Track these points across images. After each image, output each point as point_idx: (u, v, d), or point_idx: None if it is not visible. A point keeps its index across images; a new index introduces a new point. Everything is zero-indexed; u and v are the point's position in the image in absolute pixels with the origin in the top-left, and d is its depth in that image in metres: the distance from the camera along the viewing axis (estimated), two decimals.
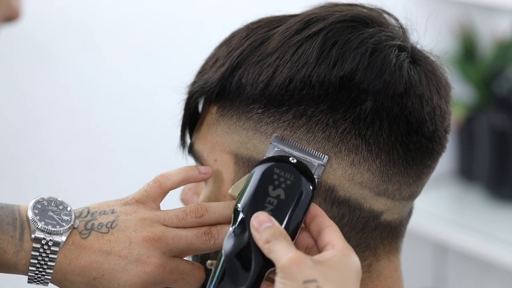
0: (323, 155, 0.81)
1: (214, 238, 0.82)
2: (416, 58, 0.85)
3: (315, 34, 0.82)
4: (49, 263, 0.79)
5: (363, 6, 0.87)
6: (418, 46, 0.87)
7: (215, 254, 0.82)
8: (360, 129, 0.81)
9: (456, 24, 2.36)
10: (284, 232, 0.76)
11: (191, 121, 0.90)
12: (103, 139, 1.99)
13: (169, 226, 0.82)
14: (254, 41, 0.85)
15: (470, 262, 2.30)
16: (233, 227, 0.78)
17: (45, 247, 0.78)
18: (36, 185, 1.91)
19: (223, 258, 0.77)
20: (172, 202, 0.94)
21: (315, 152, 0.81)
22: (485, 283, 2.33)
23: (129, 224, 0.81)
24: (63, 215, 0.81)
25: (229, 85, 0.84)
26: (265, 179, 0.79)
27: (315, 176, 0.80)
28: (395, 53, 0.83)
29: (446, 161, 2.42)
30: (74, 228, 0.80)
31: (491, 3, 2.19)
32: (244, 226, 0.77)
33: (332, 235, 0.77)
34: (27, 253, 0.78)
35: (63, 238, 0.79)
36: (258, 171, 0.79)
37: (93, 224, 0.81)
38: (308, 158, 0.81)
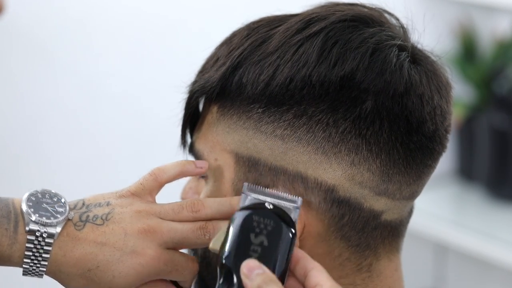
0: (297, 197, 0.81)
1: (209, 233, 0.82)
2: (417, 57, 0.85)
3: (316, 33, 0.83)
4: (43, 255, 0.79)
5: (363, 6, 0.87)
6: (419, 46, 0.87)
7: (203, 264, 0.81)
8: (360, 128, 0.81)
9: (456, 24, 2.36)
10: (275, 278, 0.74)
11: (192, 120, 0.90)
12: (103, 139, 1.99)
13: (164, 220, 0.82)
14: (255, 41, 0.85)
15: (470, 262, 2.31)
16: (220, 281, 0.76)
17: (40, 239, 0.78)
18: (35, 185, 1.91)
19: None
20: (175, 198, 0.94)
21: (288, 195, 0.81)
22: (485, 283, 2.33)
23: (124, 216, 0.81)
24: (57, 207, 0.81)
25: (230, 85, 0.84)
26: (245, 227, 0.78)
27: (292, 219, 0.79)
28: (396, 52, 0.83)
29: (446, 161, 2.42)
30: (69, 220, 0.80)
31: (491, 3, 2.19)
32: (231, 278, 0.76)
33: (319, 276, 0.76)
34: (21, 245, 0.78)
35: (58, 230, 0.79)
36: (237, 221, 0.78)
37: (88, 216, 0.81)
38: (283, 202, 0.81)
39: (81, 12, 1.91)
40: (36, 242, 0.78)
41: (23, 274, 0.80)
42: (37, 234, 0.78)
